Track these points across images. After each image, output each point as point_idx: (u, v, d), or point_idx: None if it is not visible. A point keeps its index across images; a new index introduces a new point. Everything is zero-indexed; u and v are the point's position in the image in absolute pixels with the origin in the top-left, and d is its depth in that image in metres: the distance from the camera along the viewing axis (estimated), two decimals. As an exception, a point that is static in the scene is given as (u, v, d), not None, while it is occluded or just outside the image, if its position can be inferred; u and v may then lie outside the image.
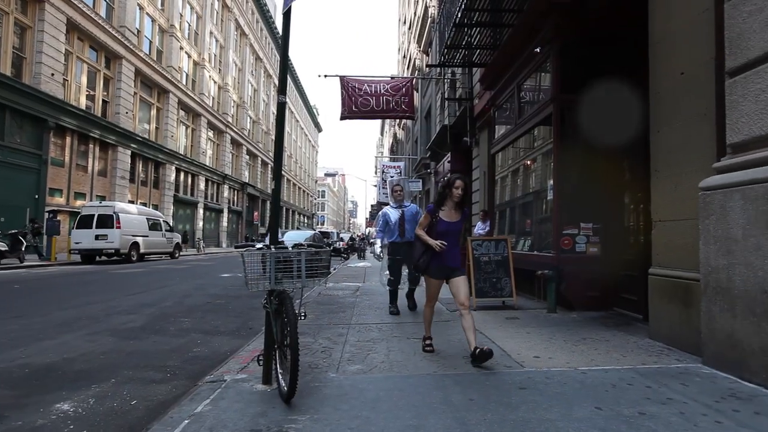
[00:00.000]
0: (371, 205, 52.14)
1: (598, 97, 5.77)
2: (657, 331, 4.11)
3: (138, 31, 24.39)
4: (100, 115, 21.48)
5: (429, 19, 18.67)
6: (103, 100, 22.02)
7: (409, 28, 27.94)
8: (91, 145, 21.03)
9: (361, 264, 17.16)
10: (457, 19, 7.58)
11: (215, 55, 35.61)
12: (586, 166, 5.88)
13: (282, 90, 3.25)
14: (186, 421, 2.42)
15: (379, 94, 12.93)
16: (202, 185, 32.76)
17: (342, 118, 13.03)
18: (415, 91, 14.30)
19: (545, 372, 3.23)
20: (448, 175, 14.49)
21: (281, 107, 3.25)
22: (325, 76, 13.84)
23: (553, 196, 6.16)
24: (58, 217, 17.26)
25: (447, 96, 14.56)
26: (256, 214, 44.23)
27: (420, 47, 22.23)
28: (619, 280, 5.66)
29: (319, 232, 23.57)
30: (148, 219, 18.43)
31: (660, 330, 4.06)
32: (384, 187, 25.02)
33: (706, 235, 3.32)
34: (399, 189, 5.88)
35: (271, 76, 49.61)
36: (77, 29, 19.82)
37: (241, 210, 41.36)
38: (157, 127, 27.13)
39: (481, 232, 9.29)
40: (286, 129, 52.73)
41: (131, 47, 23.13)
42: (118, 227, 15.93)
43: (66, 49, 19.11)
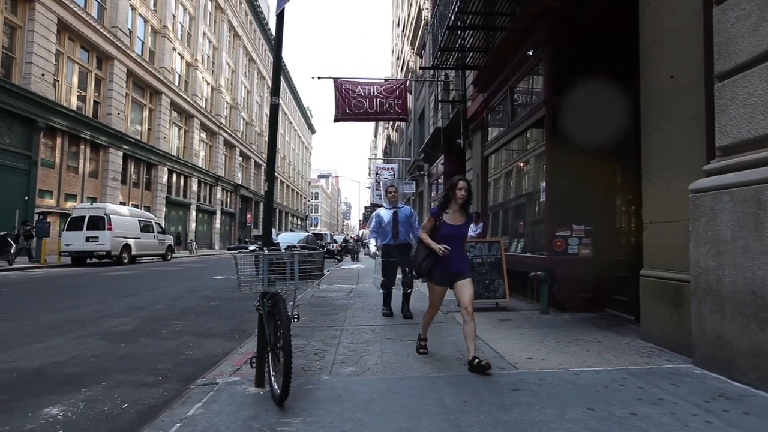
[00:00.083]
0: (365, 207, 52.16)
1: (591, 99, 5.82)
2: (648, 332, 4.14)
3: (130, 31, 24.23)
4: (91, 115, 21.29)
5: (422, 21, 18.75)
6: (94, 100, 21.83)
7: (402, 31, 28.02)
8: (82, 146, 20.84)
9: (355, 266, 17.14)
10: (451, 21, 7.61)
11: (208, 56, 35.46)
12: (579, 169, 5.92)
13: (275, 91, 3.24)
14: (178, 424, 2.40)
15: (372, 96, 12.95)
16: (195, 187, 32.57)
17: (336, 120, 13.03)
18: (408, 93, 14.35)
19: (538, 373, 3.25)
20: (441, 177, 14.54)
21: (274, 109, 3.25)
22: (318, 77, 13.85)
23: (546, 198, 6.20)
24: (48, 219, 17.06)
25: (440, 98, 14.62)
26: (249, 215, 44.04)
27: (413, 49, 22.29)
28: (611, 282, 5.70)
29: (313, 233, 23.53)
30: (139, 221, 18.28)
31: (651, 331, 4.10)
32: (378, 189, 25.03)
33: (696, 236, 3.36)
34: (393, 190, 5.87)
35: (264, 78, 49.48)
36: (68, 29, 19.66)
37: (234, 212, 41.15)
38: (149, 128, 26.95)
39: (474, 234, 9.32)
40: (280, 130, 52.71)
41: (123, 48, 22.97)
42: (110, 229, 15.78)
43: (57, 49, 18.94)
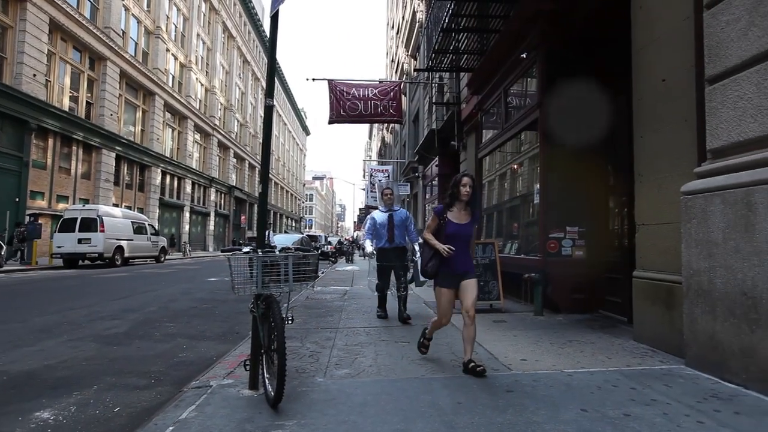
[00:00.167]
0: (359, 209, 52.09)
1: (584, 102, 5.86)
2: (641, 333, 4.17)
3: (123, 32, 24.09)
4: (83, 116, 21.12)
5: (417, 23, 18.79)
6: (87, 101, 21.66)
7: (397, 33, 28.07)
8: (74, 147, 20.66)
9: (349, 268, 17.12)
10: (445, 24, 7.64)
11: (202, 57, 35.33)
12: (572, 171, 5.96)
13: (270, 93, 3.24)
14: (170, 427, 2.39)
15: (367, 98, 12.96)
16: (189, 188, 32.39)
17: (330, 122, 13.02)
18: (403, 95, 14.37)
19: (532, 375, 3.26)
20: (436, 179, 14.57)
21: (269, 110, 3.24)
22: (313, 79, 13.84)
23: (540, 200, 6.23)
24: (39, 221, 16.91)
25: (435, 100, 14.65)
26: (243, 217, 43.86)
27: (408, 51, 22.34)
28: (605, 283, 5.74)
29: (307, 235, 23.46)
30: (132, 222, 18.16)
31: (644, 332, 4.12)
32: (372, 191, 25.01)
33: (688, 238, 3.39)
34: (389, 193, 5.75)
35: (258, 79, 49.37)
36: (60, 30, 19.51)
37: (228, 213, 40.98)
38: (142, 130, 26.78)
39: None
40: (274, 132, 52.48)
41: (116, 48, 22.82)
42: (102, 231, 15.66)
43: (49, 49, 18.78)
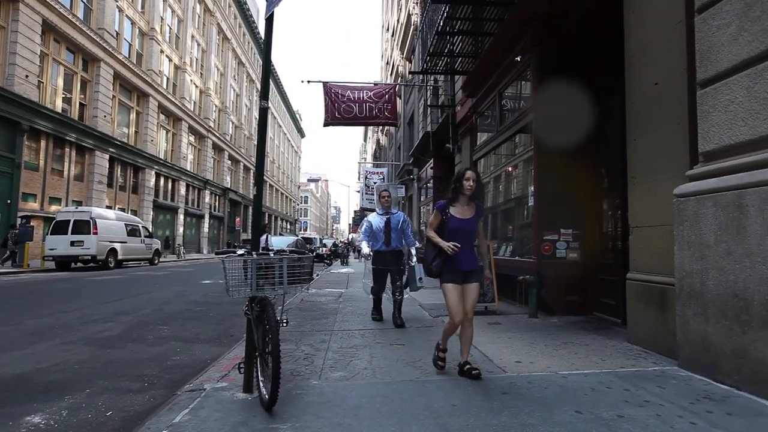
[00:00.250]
0: (354, 211, 52.03)
1: (578, 104, 5.90)
2: (634, 334, 4.19)
3: (117, 33, 23.96)
4: (76, 118, 20.97)
5: (412, 26, 18.85)
6: (80, 103, 21.52)
7: (392, 35, 28.14)
8: (67, 149, 20.51)
9: (344, 270, 17.09)
10: (440, 27, 7.67)
11: (197, 59, 35.21)
12: (566, 173, 5.99)
13: (264, 95, 3.24)
14: (164, 431, 2.37)
15: (362, 100, 12.97)
16: (183, 190, 32.23)
17: (325, 124, 13.03)
18: (398, 98, 14.39)
19: (527, 377, 3.27)
20: (431, 181, 14.59)
21: (263, 112, 3.24)
22: (308, 81, 13.84)
23: (534, 203, 6.26)
24: (32, 223, 16.76)
25: (429, 103, 14.69)
26: (237, 219, 43.70)
27: (403, 54, 22.40)
28: (599, 285, 5.77)
29: (302, 237, 23.40)
30: (126, 225, 18.03)
31: (637, 334, 4.15)
32: (367, 193, 24.99)
33: (681, 240, 3.42)
34: (386, 195, 5.68)
35: (253, 81, 49.27)
36: (53, 30, 19.38)
37: (223, 216, 40.81)
38: (136, 131, 26.63)
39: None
40: (269, 134, 52.47)
41: (110, 50, 22.70)
42: (95, 233, 15.53)
43: (41, 50, 18.65)
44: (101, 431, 2.61)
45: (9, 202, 16.83)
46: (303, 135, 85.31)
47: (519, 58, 6.81)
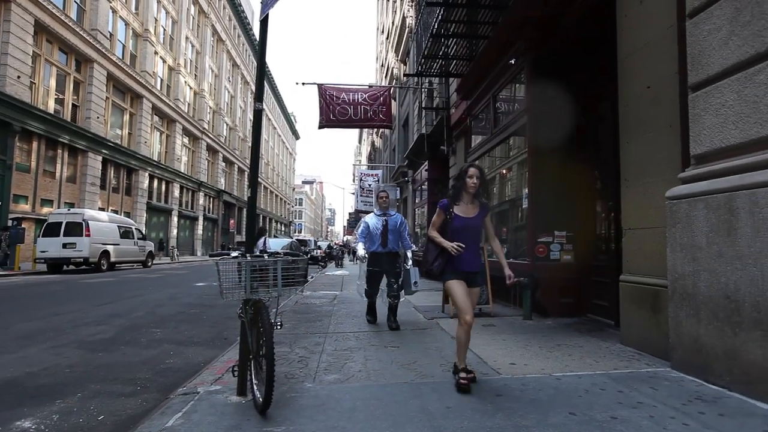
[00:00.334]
0: (349, 213, 51.93)
1: (571, 107, 5.94)
2: (628, 336, 4.21)
3: (111, 34, 23.84)
4: (69, 119, 20.82)
5: (407, 29, 18.89)
6: (72, 104, 21.37)
7: (387, 38, 28.20)
8: (59, 150, 20.35)
9: (339, 272, 17.07)
10: (434, 29, 7.70)
11: (191, 60, 35.10)
12: (560, 176, 6.02)
13: (259, 97, 3.23)
14: (156, 435, 2.35)
15: (357, 103, 12.97)
16: (177, 192, 32.07)
17: (320, 126, 13.01)
18: (393, 100, 14.40)
19: (521, 379, 3.27)
20: (425, 183, 14.61)
21: (258, 114, 3.23)
22: (303, 83, 13.85)
23: (528, 205, 6.28)
24: (23, 225, 16.60)
25: (424, 105, 14.72)
26: (232, 221, 43.53)
27: (398, 56, 22.44)
28: (592, 287, 5.80)
29: (297, 240, 23.35)
30: (119, 227, 17.91)
31: (630, 335, 4.17)
32: (362, 195, 24.99)
33: (673, 242, 3.44)
34: (384, 196, 5.65)
35: (248, 83, 49.18)
36: (46, 31, 19.25)
37: (217, 218, 40.63)
38: (130, 133, 26.48)
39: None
40: (264, 136, 52.30)
41: (103, 51, 22.58)
42: (88, 235, 15.40)
43: (33, 51, 18.52)
44: (93, 435, 2.59)
45: (0, 204, 16.67)
46: (298, 137, 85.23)
47: (513, 61, 6.85)
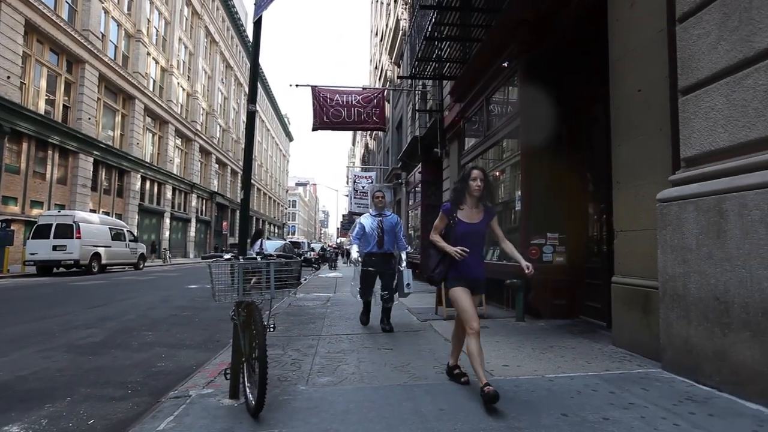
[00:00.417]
0: (343, 215, 51.90)
1: (564, 110, 5.98)
2: (619, 338, 4.24)
3: (103, 35, 23.67)
4: (60, 120, 20.62)
5: (400, 31, 18.95)
6: (63, 105, 21.17)
7: (381, 40, 28.25)
8: (50, 152, 20.13)
9: (333, 274, 17.04)
10: (428, 32, 7.73)
11: (184, 61, 34.91)
12: (553, 178, 6.06)
13: (252, 99, 3.22)
14: (147, 439, 2.33)
15: (350, 105, 12.98)
16: (169, 194, 31.85)
17: (314, 129, 13.01)
18: (386, 102, 14.42)
19: (514, 380, 3.28)
20: (419, 186, 14.63)
21: (251, 116, 3.22)
22: (296, 85, 13.86)
23: (521, 207, 6.31)
24: (12, 227, 16.39)
25: (418, 107, 14.75)
26: (225, 223, 43.26)
27: (391, 59, 22.49)
28: (585, 289, 5.84)
29: (290, 241, 23.26)
30: (110, 229, 17.76)
31: (622, 337, 4.20)
32: (356, 197, 24.99)
33: (664, 244, 3.48)
34: (380, 196, 5.61)
35: (241, 84, 49.01)
36: (37, 31, 19.07)
37: (210, 219, 40.40)
38: (121, 134, 26.28)
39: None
40: (257, 138, 52.13)
41: (95, 51, 22.40)
42: (78, 237, 15.25)
43: (24, 51, 18.34)
44: (83, 440, 2.56)
45: (-11, 205, 16.47)
46: (291, 139, 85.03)
47: (506, 64, 6.89)
